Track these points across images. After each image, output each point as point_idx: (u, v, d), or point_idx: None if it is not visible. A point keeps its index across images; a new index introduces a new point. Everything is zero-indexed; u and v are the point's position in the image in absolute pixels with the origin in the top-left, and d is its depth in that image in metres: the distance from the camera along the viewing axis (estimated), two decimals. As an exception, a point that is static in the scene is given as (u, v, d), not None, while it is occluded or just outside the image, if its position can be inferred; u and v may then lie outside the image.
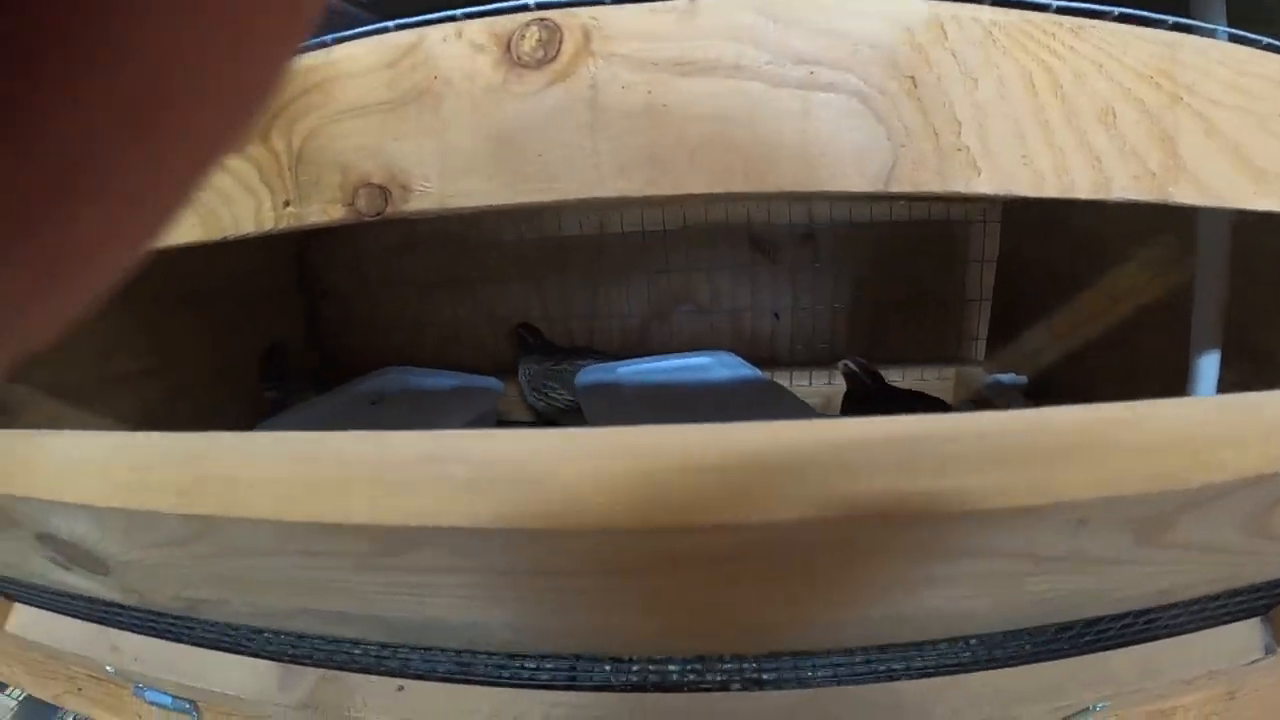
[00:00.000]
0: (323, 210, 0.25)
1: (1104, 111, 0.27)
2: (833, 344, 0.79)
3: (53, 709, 0.66)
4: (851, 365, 0.63)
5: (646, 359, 0.72)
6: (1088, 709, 0.35)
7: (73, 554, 0.24)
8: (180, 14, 0.07)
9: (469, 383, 0.73)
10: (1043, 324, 0.69)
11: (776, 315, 0.81)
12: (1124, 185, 0.28)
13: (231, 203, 0.27)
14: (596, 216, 0.81)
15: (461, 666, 0.35)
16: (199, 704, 0.42)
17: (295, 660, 0.35)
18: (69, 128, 0.07)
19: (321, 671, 0.34)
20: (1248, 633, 0.39)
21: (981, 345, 0.77)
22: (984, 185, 0.27)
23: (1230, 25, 0.35)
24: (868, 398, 0.61)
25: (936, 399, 0.63)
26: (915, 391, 0.64)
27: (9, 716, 0.67)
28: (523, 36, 0.24)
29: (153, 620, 0.40)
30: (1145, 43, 0.27)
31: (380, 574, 0.25)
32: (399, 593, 0.26)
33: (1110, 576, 0.27)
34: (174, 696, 0.41)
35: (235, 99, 0.09)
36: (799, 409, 0.55)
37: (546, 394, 0.75)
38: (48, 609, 0.47)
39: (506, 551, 0.23)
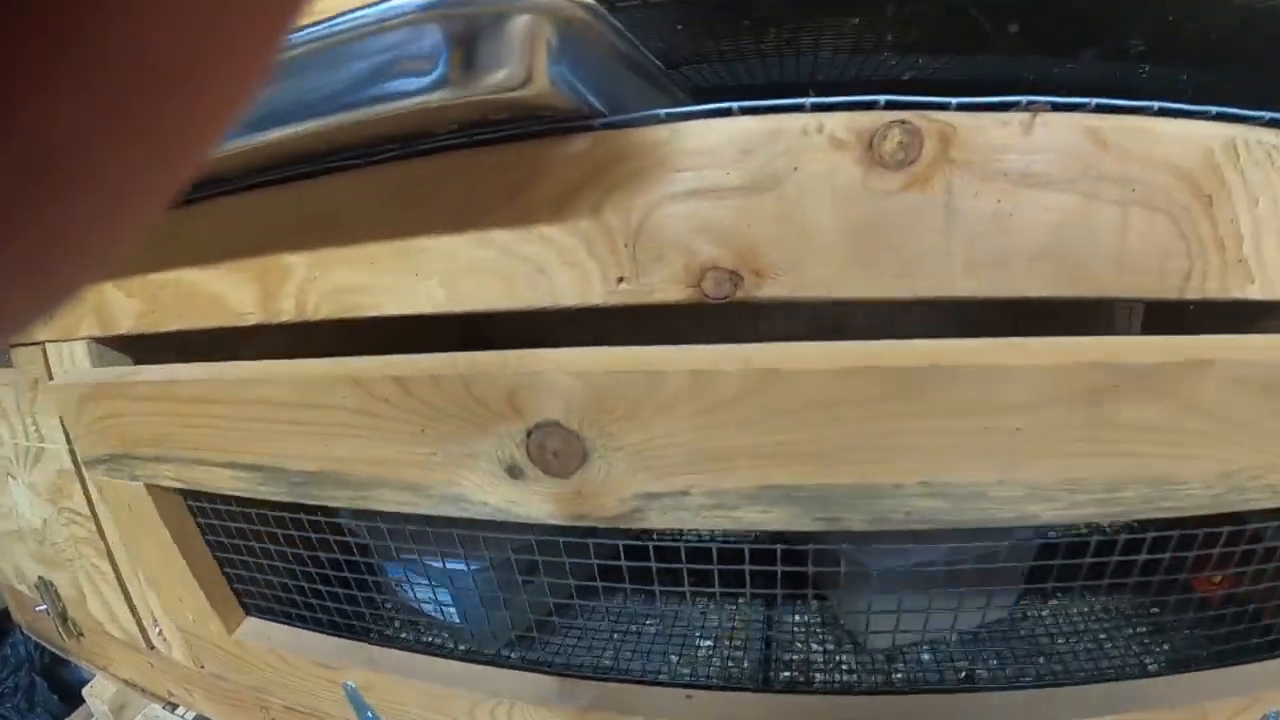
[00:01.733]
0: (664, 290, 0.26)
1: None
2: None
3: None
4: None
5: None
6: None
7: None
8: (177, 9, 0.07)
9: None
10: None
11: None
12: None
13: (549, 274, 0.27)
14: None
15: None
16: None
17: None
18: (55, 121, 0.07)
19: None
20: None
21: None
22: (1255, 293, 0.29)
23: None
24: None
25: None
26: None
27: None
28: (884, 137, 0.25)
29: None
30: None
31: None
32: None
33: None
34: None
35: (228, 92, 0.09)
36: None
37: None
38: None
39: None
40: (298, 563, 0.47)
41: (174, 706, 0.67)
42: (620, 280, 0.26)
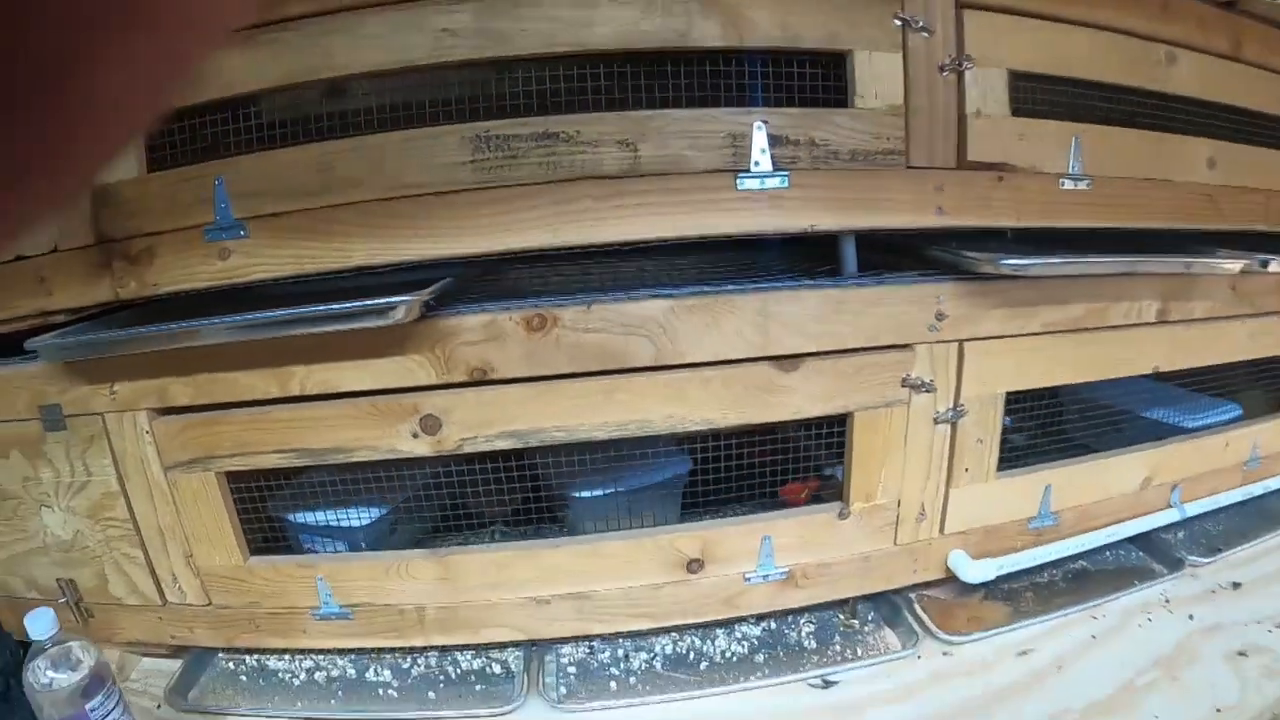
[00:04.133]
0: (458, 376, 0.90)
1: (736, 333, 0.97)
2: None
3: (211, 657, 1.19)
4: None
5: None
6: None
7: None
8: None
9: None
10: None
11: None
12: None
13: (415, 373, 0.90)
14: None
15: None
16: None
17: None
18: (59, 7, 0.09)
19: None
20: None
21: None
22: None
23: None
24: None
25: None
26: None
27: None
28: (532, 318, 0.90)
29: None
30: (747, 299, 0.97)
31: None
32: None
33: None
34: (340, 606, 1.02)
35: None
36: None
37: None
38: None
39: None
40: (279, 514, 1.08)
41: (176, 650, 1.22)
42: (442, 375, 0.90)
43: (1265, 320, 1.39)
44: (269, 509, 1.12)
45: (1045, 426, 1.35)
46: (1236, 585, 1.33)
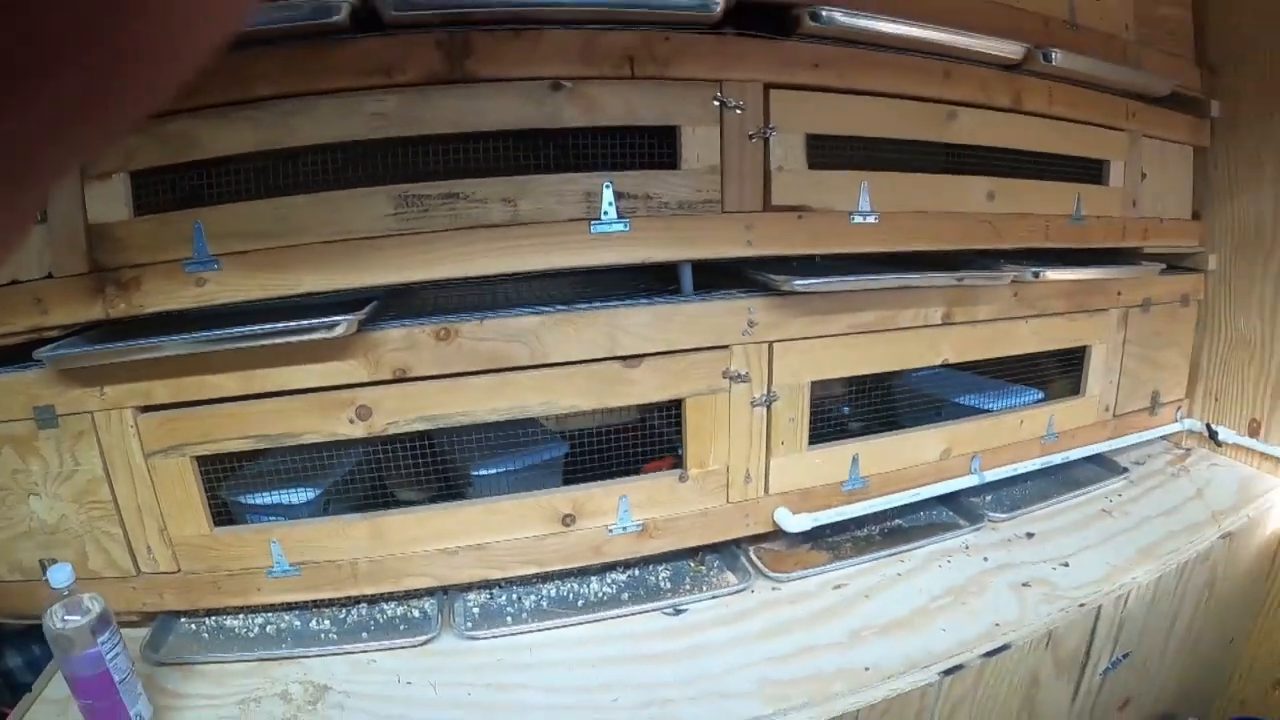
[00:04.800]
0: (383, 374, 1.30)
1: (591, 339, 1.40)
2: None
3: (175, 622, 1.54)
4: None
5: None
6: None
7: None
8: None
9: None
10: None
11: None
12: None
13: (354, 374, 1.31)
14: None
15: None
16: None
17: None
18: None
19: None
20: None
21: None
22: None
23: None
24: None
25: None
26: None
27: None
28: (440, 330, 1.31)
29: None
30: (599, 314, 1.40)
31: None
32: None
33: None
34: (290, 564, 1.40)
35: None
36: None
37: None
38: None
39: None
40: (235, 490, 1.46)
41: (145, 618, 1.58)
42: (373, 374, 1.30)
43: (1047, 319, 1.86)
44: (222, 492, 1.49)
45: (875, 412, 1.80)
46: (1030, 535, 1.78)
